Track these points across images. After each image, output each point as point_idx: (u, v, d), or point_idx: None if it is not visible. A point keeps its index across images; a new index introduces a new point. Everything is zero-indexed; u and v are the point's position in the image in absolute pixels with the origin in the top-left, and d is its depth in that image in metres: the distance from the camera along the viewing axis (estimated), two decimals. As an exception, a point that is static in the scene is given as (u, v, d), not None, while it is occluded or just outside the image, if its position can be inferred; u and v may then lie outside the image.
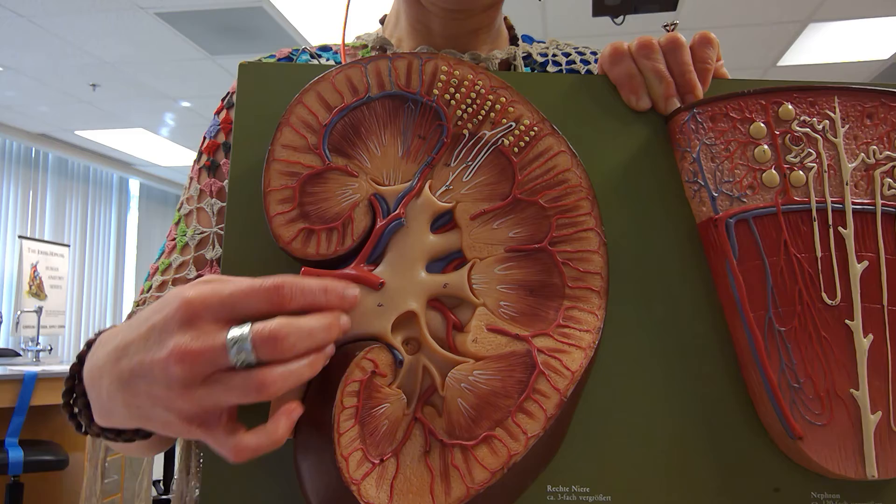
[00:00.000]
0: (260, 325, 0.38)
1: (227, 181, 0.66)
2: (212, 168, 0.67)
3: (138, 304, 0.67)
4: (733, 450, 0.48)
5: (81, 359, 0.49)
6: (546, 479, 0.47)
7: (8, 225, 5.63)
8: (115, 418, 0.45)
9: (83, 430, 0.50)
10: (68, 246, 5.02)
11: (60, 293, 4.50)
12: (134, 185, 7.15)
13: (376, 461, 0.44)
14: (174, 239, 0.67)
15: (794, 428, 0.46)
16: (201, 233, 0.66)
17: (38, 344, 3.95)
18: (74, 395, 0.50)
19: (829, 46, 3.97)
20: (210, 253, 0.65)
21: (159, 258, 0.68)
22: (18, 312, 4.09)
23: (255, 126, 0.50)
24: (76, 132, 5.68)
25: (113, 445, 0.54)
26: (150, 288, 0.66)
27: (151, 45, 3.94)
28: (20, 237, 4.53)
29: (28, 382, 2.80)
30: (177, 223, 0.68)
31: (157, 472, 3.66)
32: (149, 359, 0.39)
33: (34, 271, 4.30)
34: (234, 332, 0.38)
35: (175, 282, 0.65)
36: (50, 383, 2.89)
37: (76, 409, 0.50)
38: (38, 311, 4.11)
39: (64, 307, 4.59)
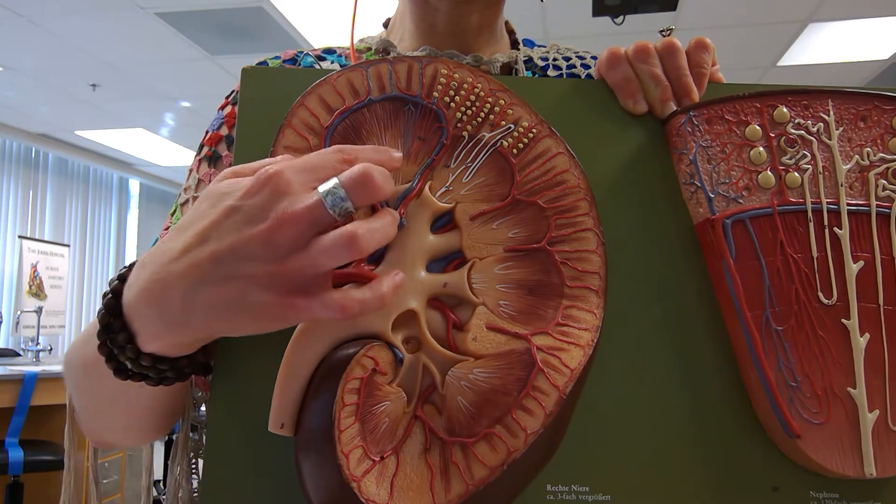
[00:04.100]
0: (346, 173, 0.40)
1: None
2: (212, 159, 0.67)
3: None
4: (732, 449, 0.49)
5: (117, 293, 0.44)
6: (545, 478, 0.47)
7: (8, 225, 5.63)
8: (188, 329, 0.41)
9: (126, 371, 0.46)
10: (68, 246, 5.03)
11: (60, 293, 4.51)
12: (134, 185, 7.15)
13: (377, 458, 0.44)
14: (167, 228, 0.65)
15: (792, 426, 0.46)
16: None
17: (38, 344, 3.95)
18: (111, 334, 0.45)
19: (828, 46, 3.97)
20: None
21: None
22: (18, 312, 4.10)
23: (257, 129, 0.51)
24: (76, 132, 5.68)
25: (138, 398, 0.51)
26: None
27: (151, 45, 3.94)
28: (20, 237, 4.54)
29: (28, 382, 2.81)
30: (172, 213, 0.67)
31: (158, 473, 3.66)
32: (247, 235, 0.38)
33: (34, 271, 4.31)
34: (324, 186, 0.39)
35: None
36: (50, 383, 2.90)
37: (115, 349, 0.45)
38: (38, 311, 4.12)
39: (64, 307, 4.60)
